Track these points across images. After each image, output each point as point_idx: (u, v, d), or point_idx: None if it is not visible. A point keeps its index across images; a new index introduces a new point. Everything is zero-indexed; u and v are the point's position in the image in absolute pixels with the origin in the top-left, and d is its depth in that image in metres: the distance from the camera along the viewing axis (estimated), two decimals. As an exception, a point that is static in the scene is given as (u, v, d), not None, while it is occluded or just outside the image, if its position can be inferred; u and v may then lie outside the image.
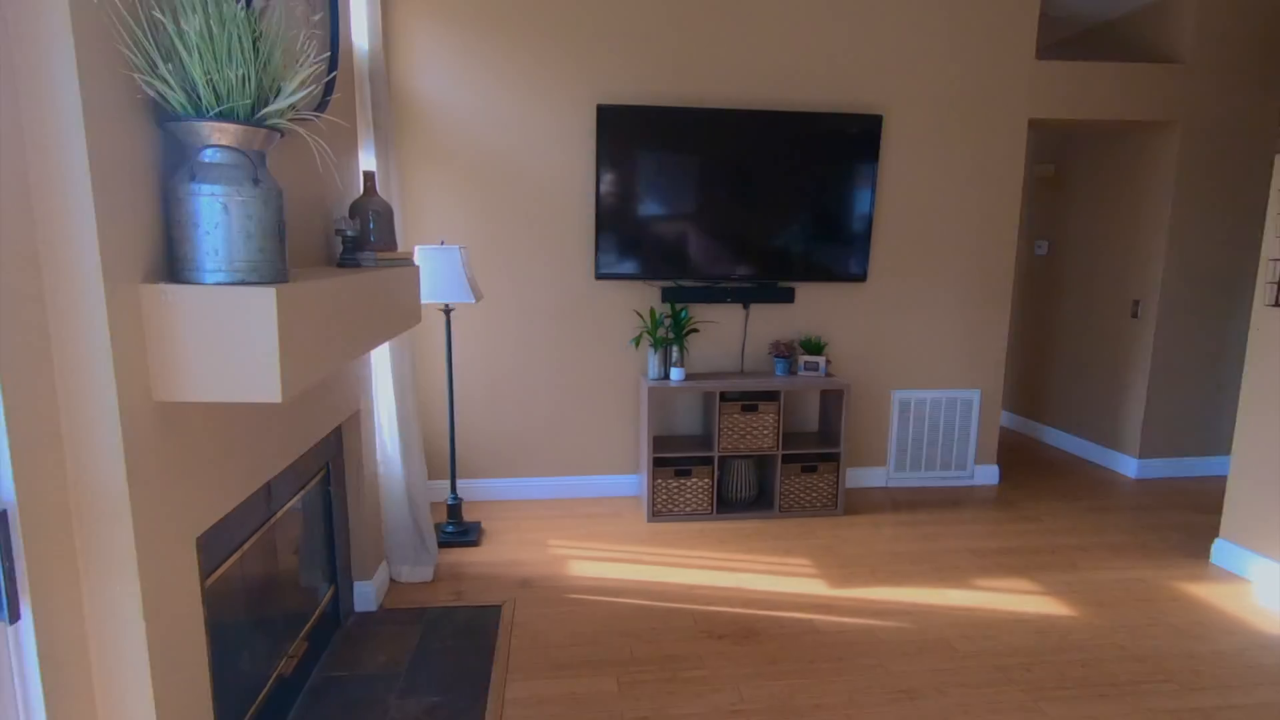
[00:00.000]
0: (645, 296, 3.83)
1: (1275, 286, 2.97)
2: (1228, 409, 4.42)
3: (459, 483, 3.87)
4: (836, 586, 2.97)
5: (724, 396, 3.60)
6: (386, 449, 2.87)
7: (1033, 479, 4.38)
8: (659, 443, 3.75)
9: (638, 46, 3.62)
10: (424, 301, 3.07)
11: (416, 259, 3.06)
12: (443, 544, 3.29)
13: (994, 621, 2.71)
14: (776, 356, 3.77)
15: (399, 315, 2.24)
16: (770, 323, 3.95)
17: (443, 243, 3.14)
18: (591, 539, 3.41)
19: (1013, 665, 2.43)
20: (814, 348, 3.80)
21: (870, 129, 3.72)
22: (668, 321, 3.75)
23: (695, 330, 3.72)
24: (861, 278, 3.87)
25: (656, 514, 3.64)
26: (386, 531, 2.92)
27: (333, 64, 2.20)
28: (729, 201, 3.68)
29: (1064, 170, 4.97)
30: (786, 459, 3.73)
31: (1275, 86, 4.09)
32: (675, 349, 3.64)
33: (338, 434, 2.49)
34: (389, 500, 2.91)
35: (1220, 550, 3.22)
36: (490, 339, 3.77)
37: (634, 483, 3.99)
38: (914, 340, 4.09)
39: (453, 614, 2.69)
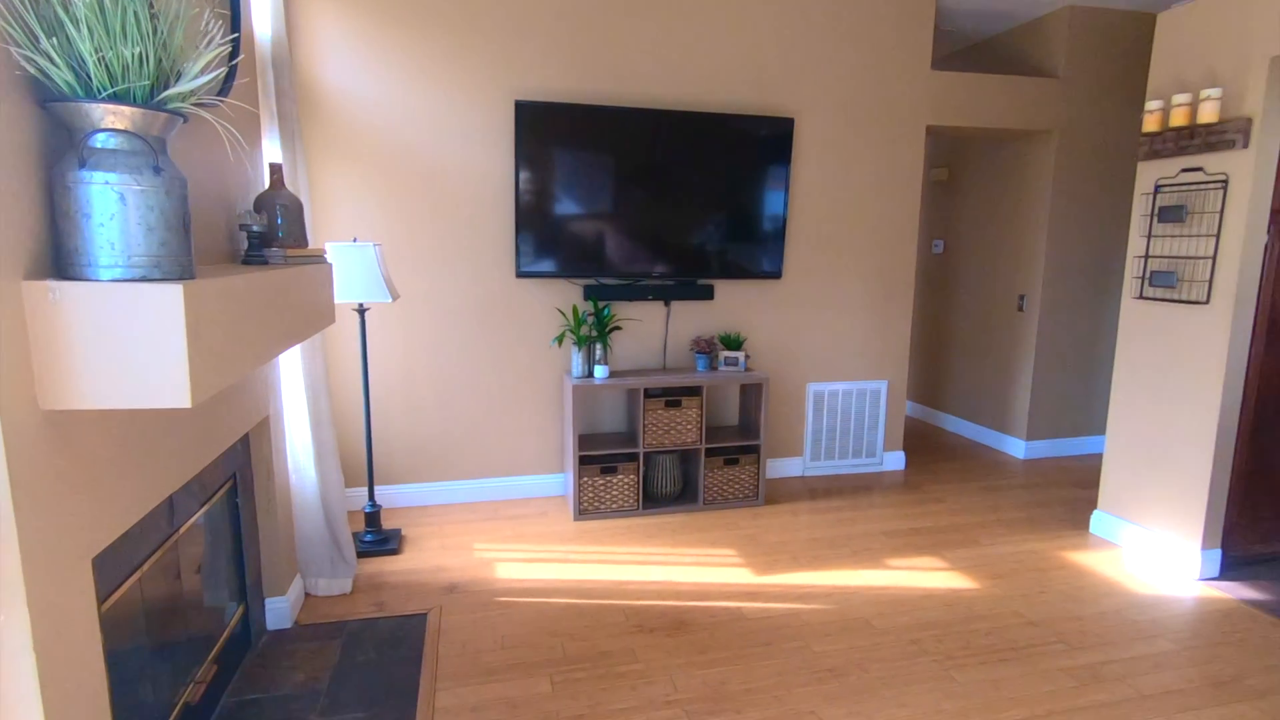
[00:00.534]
0: (567, 294, 3.81)
1: (1140, 281, 3.29)
2: (1102, 392, 4.85)
3: (377, 489, 3.72)
4: (761, 574, 3.06)
5: (648, 393, 3.64)
6: (298, 457, 2.73)
7: (935, 463, 4.65)
8: (584, 441, 3.74)
9: (556, 43, 3.60)
10: (337, 301, 2.94)
11: (329, 256, 2.92)
12: (362, 554, 3.16)
13: (907, 598, 2.86)
14: (698, 352, 3.83)
15: (312, 315, 2.14)
16: (691, 319, 4.01)
17: (355, 240, 3.01)
18: (518, 540, 3.36)
19: (925, 638, 2.57)
20: (733, 343, 3.90)
21: (783, 132, 3.84)
22: (591, 319, 3.75)
23: (618, 328, 3.74)
24: (777, 275, 3.99)
25: (583, 512, 3.63)
26: (300, 543, 2.78)
27: (234, 48, 2.07)
28: (648, 200, 3.72)
29: (957, 174, 5.30)
30: (709, 452, 3.81)
31: (1137, 100, 4.52)
32: (599, 347, 3.64)
33: (245, 442, 2.35)
34: (302, 510, 2.76)
35: (1098, 521, 3.53)
36: (408, 339, 3.64)
37: (560, 482, 3.96)
38: (826, 335, 4.26)
39: (375, 625, 2.58)
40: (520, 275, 3.62)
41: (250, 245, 2.00)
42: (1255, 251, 2.88)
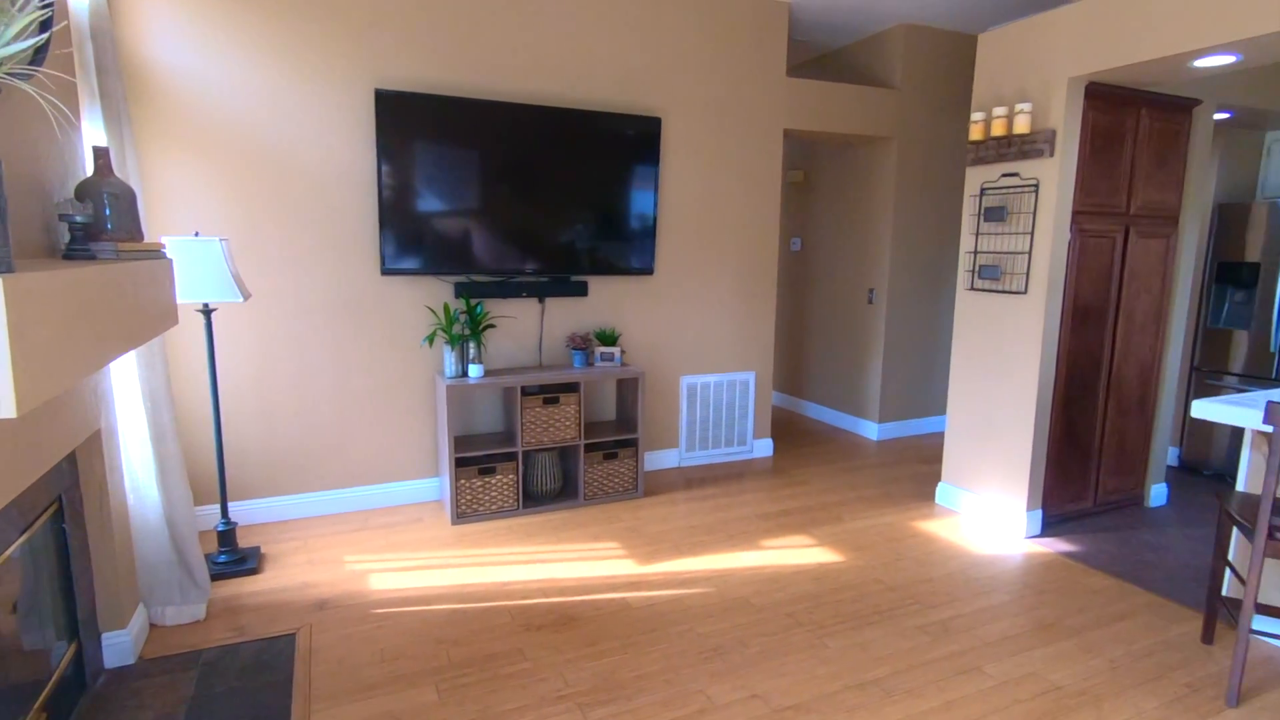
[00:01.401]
0: (438, 292, 3.68)
1: (971, 274, 3.66)
2: (942, 376, 5.36)
3: (232, 505, 3.42)
4: (644, 564, 3.12)
5: (525, 391, 3.59)
6: (137, 475, 2.45)
7: (800, 448, 4.94)
8: (460, 442, 3.63)
9: (419, 31, 3.46)
10: (180, 301, 2.67)
11: (168, 252, 2.64)
12: (216, 576, 2.89)
13: (781, 575, 3.03)
14: (574, 349, 3.84)
15: (151, 316, 1.93)
16: (566, 316, 4.01)
17: (198, 234, 2.74)
18: (393, 549, 3.21)
19: (799, 610, 2.73)
20: (609, 339, 3.93)
21: (651, 131, 3.93)
22: (463, 317, 3.64)
23: (492, 326, 3.66)
24: (649, 271, 4.07)
25: (461, 515, 3.53)
26: (143, 570, 2.50)
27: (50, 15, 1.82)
28: (519, 196, 3.67)
29: (811, 176, 5.65)
30: (589, 448, 3.82)
31: (965, 111, 5.03)
32: (472, 345, 3.55)
33: (72, 461, 2.08)
34: (143, 533, 2.49)
35: (942, 492, 3.90)
36: (262, 342, 3.37)
37: (435, 486, 3.83)
38: (697, 329, 4.41)
39: (236, 651, 2.38)
40: (386, 273, 3.45)
41: (73, 238, 1.78)
42: (1062, 247, 3.29)
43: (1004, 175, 3.44)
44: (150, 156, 3.08)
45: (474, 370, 3.54)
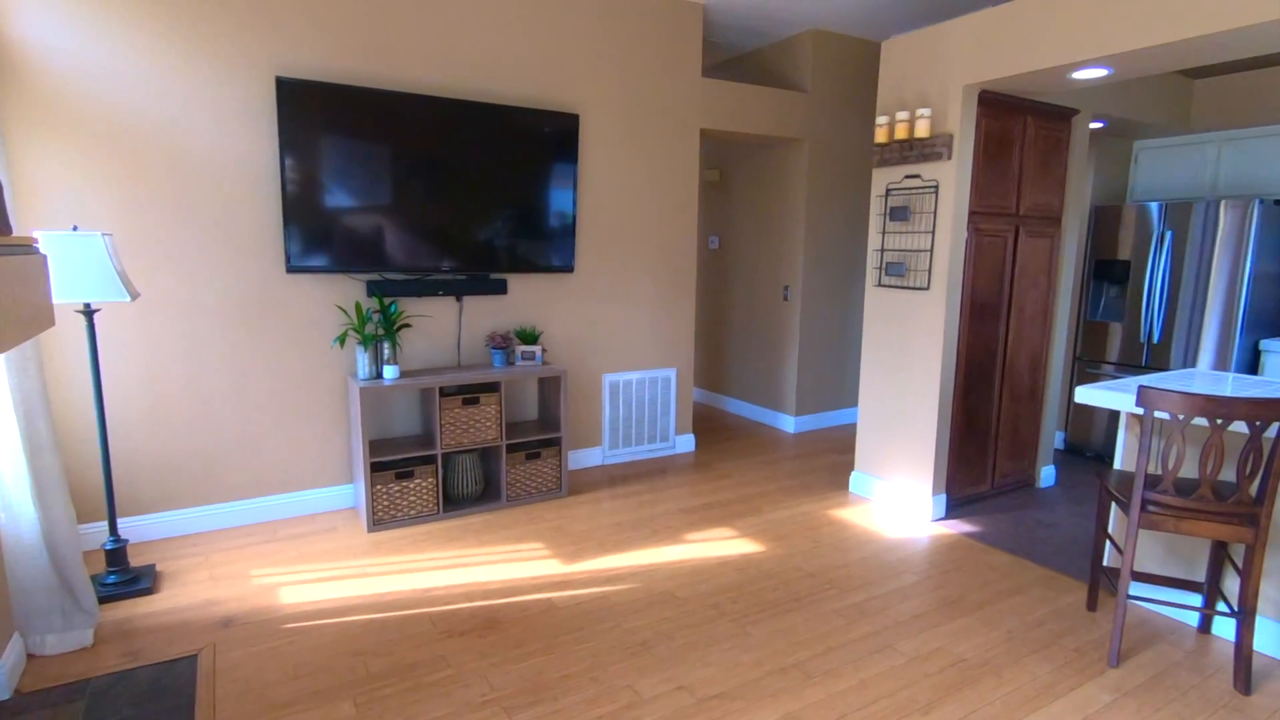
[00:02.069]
0: (349, 291, 3.53)
1: (878, 271, 3.83)
2: (854, 369, 5.58)
3: (122, 522, 3.17)
4: (569, 563, 3.10)
5: (443, 391, 3.50)
6: (8, 492, 2.24)
7: (721, 443, 5.04)
8: (376, 446, 3.50)
9: (325, 17, 3.31)
10: (56, 301, 2.45)
11: (41, 247, 2.42)
12: (105, 598, 2.68)
13: (705, 567, 3.08)
14: (494, 348, 3.77)
15: (22, 316, 1.76)
16: (485, 314, 3.93)
17: (76, 228, 2.52)
18: (304, 560, 3.06)
19: (723, 601, 2.78)
20: (529, 337, 3.89)
21: (569, 128, 3.90)
22: (376, 317, 3.52)
23: (408, 325, 3.55)
24: (569, 269, 4.05)
25: (378, 522, 3.40)
26: (18, 596, 2.28)
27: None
28: (435, 192, 3.57)
29: (727, 176, 5.77)
30: (511, 448, 3.77)
31: (871, 114, 5.25)
32: (387, 345, 3.43)
33: (-71, 478, 1.88)
34: (18, 556, 2.27)
35: (856, 480, 4.07)
36: (153, 345, 3.14)
37: (349, 493, 3.67)
38: (619, 326, 4.42)
39: (129, 678, 2.21)
40: (292, 270, 3.29)
41: (-74, 230, 1.60)
42: (960, 245, 3.49)
43: (907, 177, 3.61)
44: (21, 145, 2.82)
45: (389, 371, 3.42)
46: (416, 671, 2.29)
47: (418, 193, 3.53)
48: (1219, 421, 2.12)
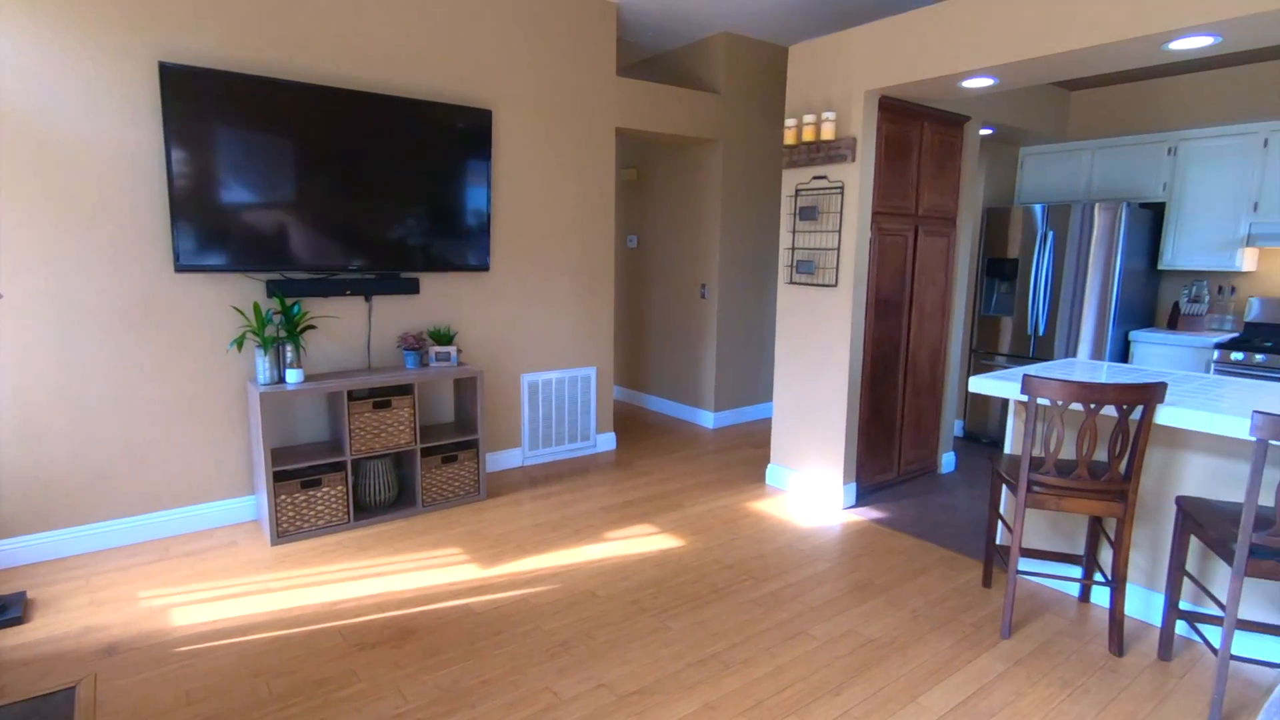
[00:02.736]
0: (247, 291, 3.34)
1: (790, 269, 3.95)
2: (769, 365, 5.73)
3: (-17, 547, 2.89)
4: (488, 567, 3.04)
5: (352, 395, 3.37)
6: None
7: (642, 440, 5.07)
8: (279, 454, 3.33)
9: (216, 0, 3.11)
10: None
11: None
12: (-35, 632, 2.43)
13: (626, 565, 3.09)
14: (406, 349, 3.65)
15: None
16: (397, 314, 3.81)
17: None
18: (200, 579, 2.88)
19: (644, 597, 2.80)
20: (444, 338, 3.79)
21: (482, 124, 3.83)
22: (277, 318, 3.34)
23: (312, 327, 3.39)
24: (485, 268, 3.97)
25: (283, 534, 3.24)
26: None
27: None
28: (342, 188, 3.43)
29: (645, 175, 5.80)
30: (426, 452, 3.67)
31: (781, 116, 5.39)
32: (289, 348, 3.27)
33: None
34: None
35: (772, 473, 4.18)
36: (20, 350, 2.88)
37: (251, 505, 3.48)
38: (537, 325, 4.37)
39: (-5, 717, 2.01)
40: (181, 269, 3.08)
41: None
42: (865, 244, 3.64)
43: (815, 178, 3.74)
44: None
45: (292, 375, 3.26)
46: (324, 688, 2.20)
47: (323, 188, 3.38)
48: (1092, 406, 2.30)
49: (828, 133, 3.56)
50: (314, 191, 3.36)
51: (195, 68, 3.01)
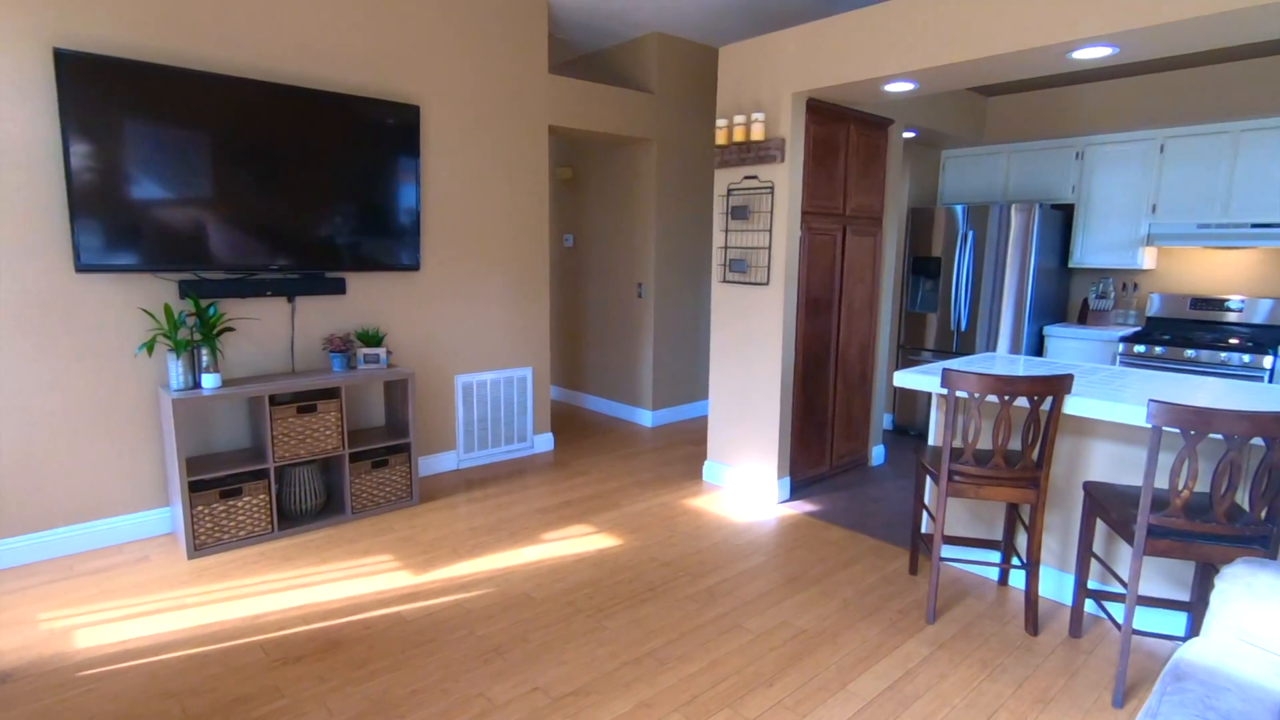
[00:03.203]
0: (157, 292, 3.17)
1: (723, 268, 3.99)
2: (705, 363, 5.78)
3: None
4: (420, 573, 2.97)
5: (275, 400, 3.23)
6: None
7: (580, 440, 5.04)
8: (197, 463, 3.17)
9: (112, -16, 2.94)
10: None
11: None
12: None
13: (562, 566, 3.06)
14: (332, 351, 3.53)
15: None
16: (322, 316, 3.68)
17: None
18: (108, 597, 2.71)
19: (580, 597, 2.79)
20: (372, 339, 3.68)
21: (409, 120, 3.73)
22: (191, 321, 3.18)
23: (230, 329, 3.24)
24: (415, 267, 3.88)
25: (200, 547, 3.08)
26: None
27: None
28: (262, 184, 3.29)
29: (580, 174, 5.78)
30: (355, 457, 3.55)
31: (713, 116, 5.45)
32: (205, 352, 3.11)
33: None
34: None
35: (709, 469, 4.22)
36: (-104, 360, 2.65)
37: (165, 517, 3.30)
38: (470, 326, 4.29)
39: None
40: (83, 269, 2.90)
41: None
42: (795, 243, 3.71)
43: (746, 178, 3.79)
44: None
45: (208, 380, 3.11)
46: (244, 706, 2.10)
47: (242, 185, 3.23)
48: (1006, 398, 2.41)
49: (757, 133, 3.62)
50: (232, 188, 3.21)
51: (96, 55, 2.83)
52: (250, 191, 3.26)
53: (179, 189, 3.07)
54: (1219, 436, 2.35)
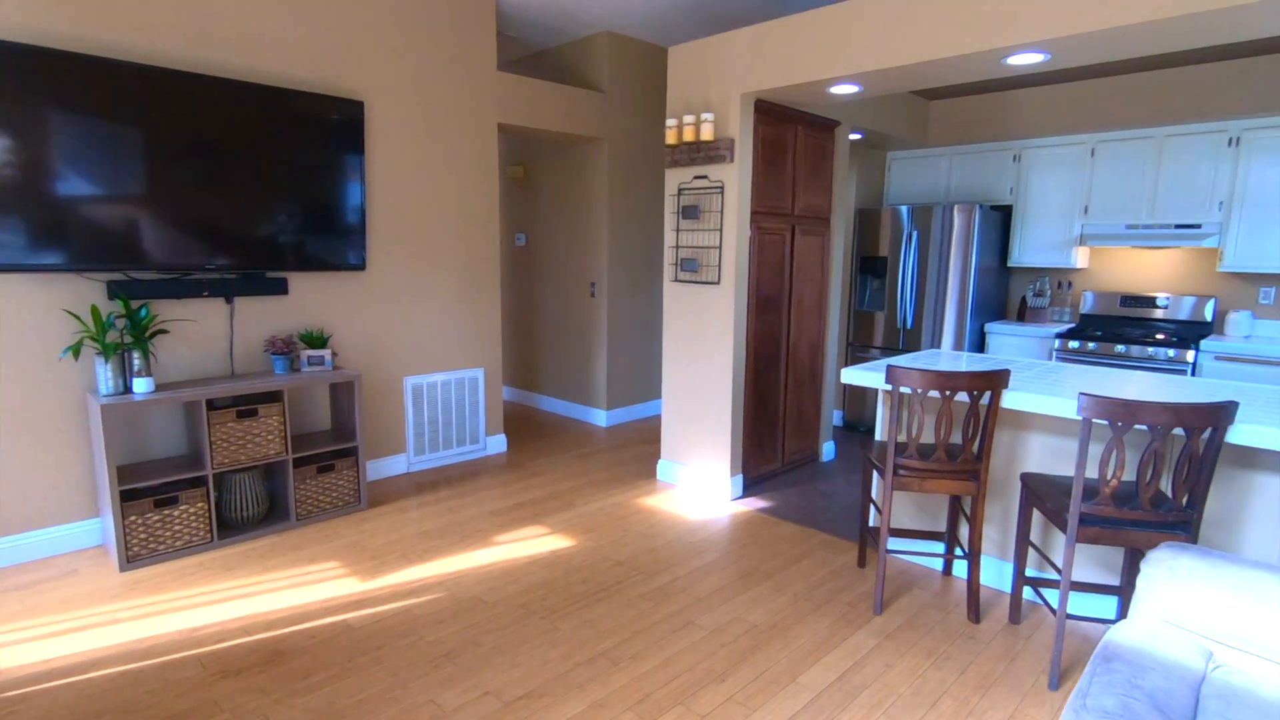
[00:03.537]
0: (82, 292, 3.02)
1: (674, 267, 4.01)
2: (659, 362, 5.80)
3: None
4: (368, 579, 2.90)
5: (213, 404, 3.12)
6: None
7: (534, 441, 5.00)
8: (129, 471, 3.04)
9: (30, -31, 2.79)
10: None
11: None
12: None
13: (515, 568, 3.03)
14: (274, 354, 3.43)
15: None
16: (263, 317, 3.56)
17: None
18: (32, 614, 2.58)
19: (533, 600, 2.76)
20: (317, 341, 3.58)
21: (353, 116, 3.65)
22: (121, 323, 3.05)
23: (164, 331, 3.11)
24: (361, 266, 3.79)
25: (133, 559, 2.95)
26: None
27: None
28: (198, 182, 3.16)
29: (532, 172, 5.73)
30: (299, 462, 3.46)
31: (663, 115, 5.47)
32: (137, 355, 2.98)
33: None
34: None
35: (663, 468, 4.23)
36: None
37: (96, 529, 3.15)
38: (420, 326, 4.22)
39: None
40: (1, 269, 2.74)
41: None
42: (745, 242, 3.75)
43: (696, 177, 3.81)
44: None
45: (140, 385, 2.98)
46: (180, 723, 2.02)
47: (177, 181, 3.11)
48: (947, 393, 2.48)
49: (707, 133, 3.64)
50: (166, 185, 3.08)
51: (9, 43, 2.68)
52: (186, 188, 3.14)
53: (107, 185, 2.94)
54: (1144, 427, 2.46)
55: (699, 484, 4.03)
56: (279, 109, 3.38)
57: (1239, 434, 2.14)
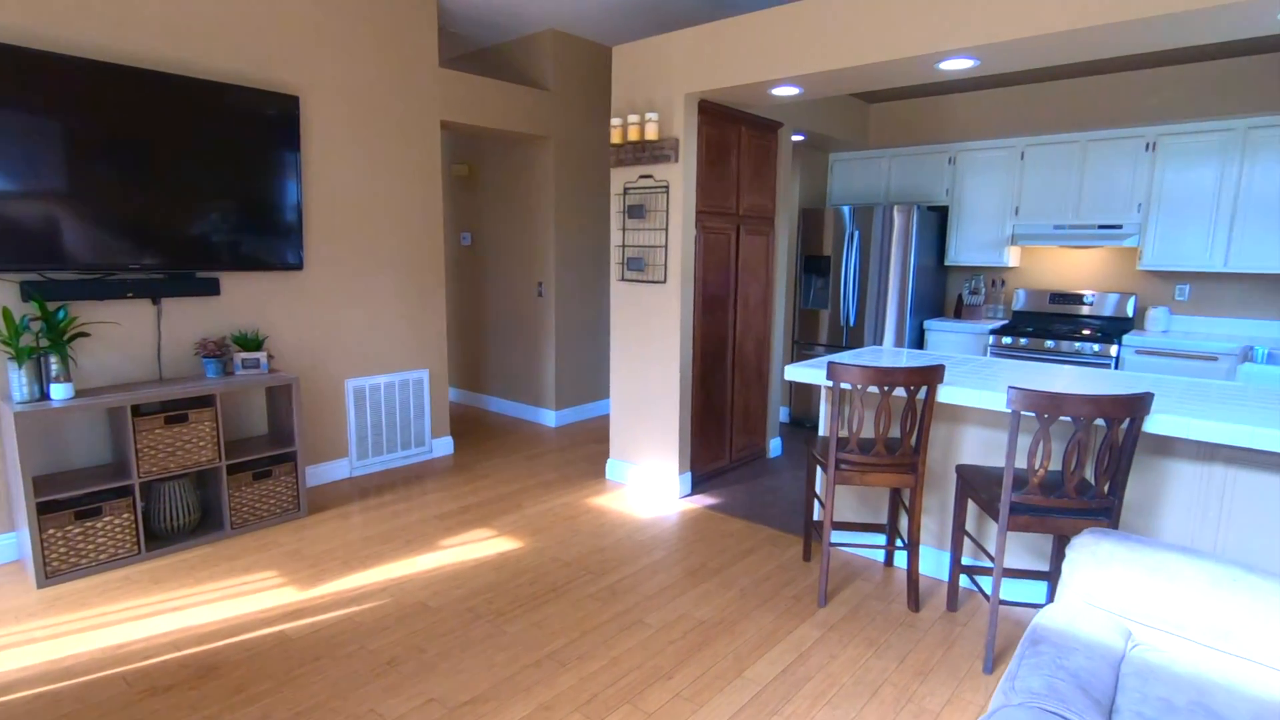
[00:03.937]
0: (-7, 294, 2.85)
1: (621, 266, 4.01)
2: (607, 361, 5.79)
3: None
4: (307, 588, 2.82)
5: (139, 410, 2.98)
6: None
7: (481, 443, 4.94)
8: (46, 482, 2.88)
9: (-71, -51, 2.61)
10: None
11: None
12: None
13: (461, 571, 2.99)
14: (206, 357, 3.29)
15: None
16: (194, 319, 3.42)
17: None
18: (-63, 637, 2.42)
19: (479, 603, 2.73)
20: (251, 343, 3.46)
21: (288, 111, 3.53)
22: (37, 325, 2.88)
23: (84, 334, 2.95)
24: (298, 266, 3.68)
25: (53, 574, 2.80)
26: None
27: None
28: (122, 178, 3.01)
29: (477, 171, 5.65)
30: (233, 469, 3.33)
31: (609, 114, 5.46)
32: (54, 360, 2.83)
33: None
34: None
35: (612, 467, 4.23)
36: None
37: (12, 543, 2.97)
38: (361, 327, 4.11)
39: None
40: (-99, 269, 2.57)
41: None
42: (690, 242, 3.78)
43: (641, 177, 3.82)
44: None
45: (59, 391, 2.82)
46: (103, 745, 1.93)
47: (99, 178, 2.95)
48: (885, 388, 2.54)
49: (651, 133, 3.65)
50: (87, 181, 2.93)
51: (-91, 27, 2.51)
52: (109, 185, 2.99)
53: (20, 181, 2.77)
54: (1068, 419, 2.57)
55: (648, 482, 4.04)
56: (209, 103, 3.25)
57: (1155, 424, 2.25)
